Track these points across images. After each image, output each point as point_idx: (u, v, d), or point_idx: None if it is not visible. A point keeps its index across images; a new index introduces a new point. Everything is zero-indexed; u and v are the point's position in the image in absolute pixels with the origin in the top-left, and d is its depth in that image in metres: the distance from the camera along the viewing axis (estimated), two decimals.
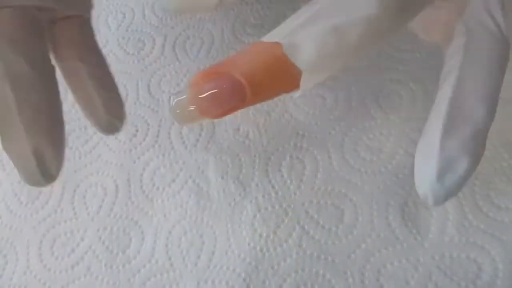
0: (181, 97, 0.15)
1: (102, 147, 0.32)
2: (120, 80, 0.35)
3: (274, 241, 0.27)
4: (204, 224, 0.28)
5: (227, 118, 0.32)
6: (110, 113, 0.25)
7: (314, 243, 0.27)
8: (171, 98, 0.15)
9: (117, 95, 0.26)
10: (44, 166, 0.21)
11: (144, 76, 0.35)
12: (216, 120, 0.32)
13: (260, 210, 0.28)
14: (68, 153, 0.32)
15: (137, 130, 0.33)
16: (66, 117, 0.34)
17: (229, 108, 0.16)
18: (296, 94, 0.16)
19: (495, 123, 0.19)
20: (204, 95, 0.15)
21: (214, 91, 0.14)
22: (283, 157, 0.29)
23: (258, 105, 0.32)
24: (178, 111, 0.15)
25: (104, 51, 0.36)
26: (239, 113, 0.32)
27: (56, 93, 0.22)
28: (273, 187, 0.29)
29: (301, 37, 0.14)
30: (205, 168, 0.30)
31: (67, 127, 0.33)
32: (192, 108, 0.15)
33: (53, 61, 0.24)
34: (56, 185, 0.31)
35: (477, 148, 0.17)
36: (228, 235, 0.28)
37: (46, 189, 0.31)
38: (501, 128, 0.25)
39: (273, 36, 0.15)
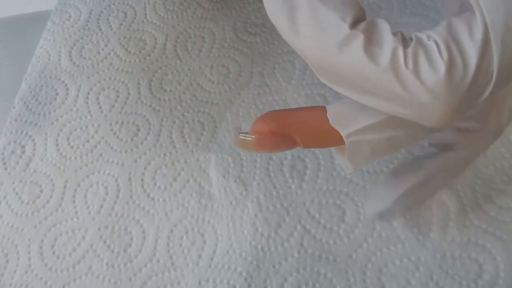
0: (247, 138, 0.19)
1: (103, 146, 0.32)
2: (122, 79, 0.35)
3: (275, 240, 0.27)
4: (205, 223, 0.28)
5: (229, 117, 0.32)
6: None
7: (315, 242, 0.27)
8: (240, 134, 0.19)
9: None
10: None
11: (146, 75, 0.35)
12: (218, 120, 0.32)
13: (261, 209, 0.28)
14: (69, 152, 0.33)
15: (138, 129, 0.33)
16: (67, 116, 0.34)
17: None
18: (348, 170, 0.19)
19: None
20: (266, 147, 0.19)
21: (274, 143, 0.18)
22: (285, 156, 0.29)
23: (260, 106, 0.32)
24: (239, 144, 0.19)
25: (106, 50, 0.37)
26: (240, 113, 0.32)
27: None
28: (274, 186, 0.29)
29: (362, 141, 0.18)
30: (207, 167, 0.30)
31: (68, 126, 0.34)
32: (252, 147, 0.19)
33: None
34: (57, 184, 0.31)
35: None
36: (229, 234, 0.28)
37: (47, 188, 0.31)
38: None
39: (339, 114, 0.18)
